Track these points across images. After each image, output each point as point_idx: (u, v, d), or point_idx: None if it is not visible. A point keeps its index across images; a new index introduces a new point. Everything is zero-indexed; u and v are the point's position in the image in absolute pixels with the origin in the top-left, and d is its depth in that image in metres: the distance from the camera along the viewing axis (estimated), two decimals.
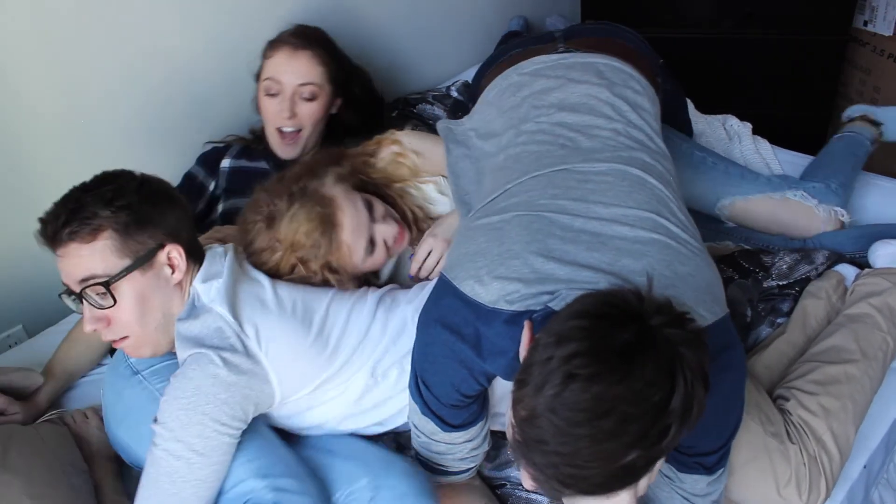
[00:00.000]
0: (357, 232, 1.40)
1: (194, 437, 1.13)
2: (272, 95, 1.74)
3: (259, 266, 1.37)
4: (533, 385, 0.80)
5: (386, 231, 1.45)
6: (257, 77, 1.81)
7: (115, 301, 1.20)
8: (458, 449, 1.22)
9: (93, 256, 1.18)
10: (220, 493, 1.18)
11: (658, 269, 1.03)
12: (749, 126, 2.09)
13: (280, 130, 1.76)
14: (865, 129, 1.95)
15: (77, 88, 1.72)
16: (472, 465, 1.28)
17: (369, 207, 1.44)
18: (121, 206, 1.20)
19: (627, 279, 1.00)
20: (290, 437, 1.33)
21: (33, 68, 1.64)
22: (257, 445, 1.21)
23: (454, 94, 2.23)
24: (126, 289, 1.21)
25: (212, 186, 1.81)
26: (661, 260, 1.05)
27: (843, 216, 1.71)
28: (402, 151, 1.57)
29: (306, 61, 1.72)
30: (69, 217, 1.18)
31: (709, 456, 1.07)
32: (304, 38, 1.73)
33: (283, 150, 1.77)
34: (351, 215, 1.39)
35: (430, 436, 1.22)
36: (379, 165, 1.57)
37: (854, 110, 2.05)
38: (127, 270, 1.20)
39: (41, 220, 1.21)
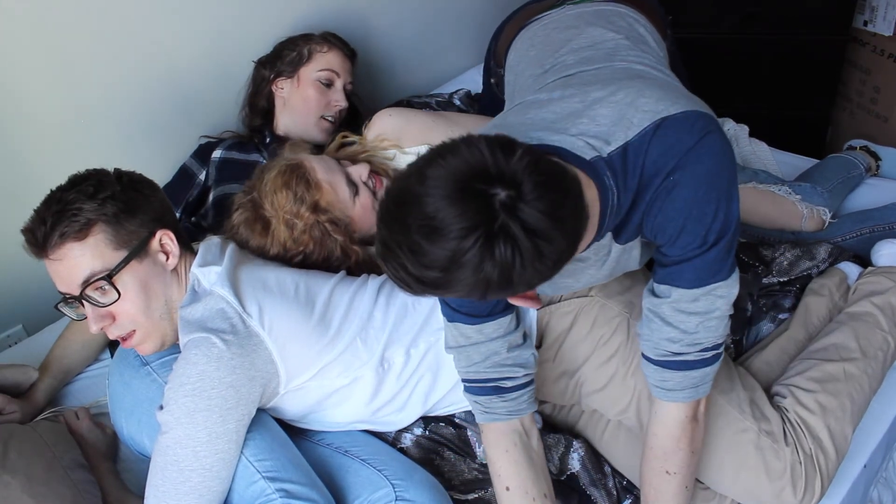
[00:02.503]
0: (330, 171, 1.47)
1: (200, 424, 1.12)
2: (326, 85, 1.88)
3: (265, 254, 1.41)
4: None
5: (359, 170, 1.53)
6: (291, 68, 1.89)
7: (119, 294, 1.20)
8: (498, 348, 1.17)
9: (89, 254, 1.18)
10: (233, 491, 1.18)
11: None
12: (746, 129, 2.09)
13: (323, 117, 1.88)
14: (863, 157, 2.00)
15: (75, 88, 1.72)
16: (524, 373, 1.19)
17: (335, 160, 1.53)
18: (105, 197, 1.19)
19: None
20: (305, 434, 1.33)
21: (32, 68, 1.64)
22: (267, 445, 1.21)
23: (457, 102, 2.22)
24: (127, 280, 1.21)
25: (202, 176, 1.84)
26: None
27: (825, 215, 1.74)
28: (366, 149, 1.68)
29: (349, 64, 1.93)
30: (56, 218, 1.16)
31: (694, 258, 1.04)
32: (351, 50, 1.94)
33: (320, 131, 1.88)
34: (317, 160, 1.48)
35: (465, 344, 1.18)
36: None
37: (856, 142, 2.12)
38: (125, 261, 1.20)
39: (25, 229, 1.19)
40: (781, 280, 1.59)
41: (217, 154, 1.85)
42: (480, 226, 0.81)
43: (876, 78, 2.56)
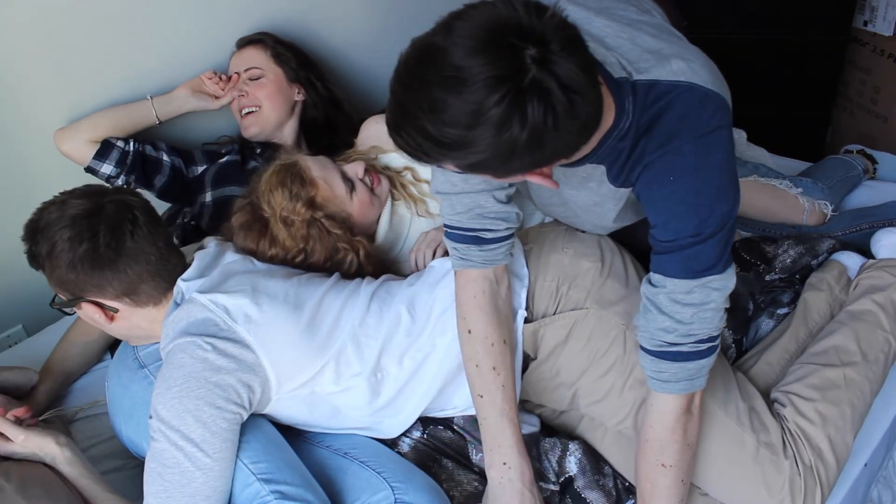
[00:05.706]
0: (325, 169, 1.48)
1: (192, 425, 1.12)
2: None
3: (264, 256, 1.40)
4: None
5: (355, 167, 1.52)
6: None
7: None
8: (483, 201, 1.17)
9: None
10: (230, 494, 1.17)
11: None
12: (743, 134, 2.09)
13: (241, 114, 1.89)
14: (860, 160, 2.01)
15: (76, 90, 1.72)
16: (506, 227, 1.20)
17: (329, 159, 1.53)
18: (85, 250, 1.19)
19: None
20: (304, 435, 1.33)
21: (34, 71, 1.64)
22: (262, 447, 1.20)
23: None
24: (87, 307, 1.25)
25: (201, 168, 1.86)
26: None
27: (826, 209, 1.74)
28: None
29: (247, 52, 1.92)
30: (41, 261, 1.22)
31: (685, 248, 1.03)
32: (248, 40, 1.94)
33: (245, 128, 1.89)
34: (312, 160, 1.49)
35: (451, 191, 1.19)
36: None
37: (853, 146, 2.13)
38: (71, 303, 1.25)
39: (24, 238, 1.24)
40: (783, 277, 1.57)
41: (224, 159, 1.87)
42: (510, 79, 0.78)
43: (876, 78, 2.56)
